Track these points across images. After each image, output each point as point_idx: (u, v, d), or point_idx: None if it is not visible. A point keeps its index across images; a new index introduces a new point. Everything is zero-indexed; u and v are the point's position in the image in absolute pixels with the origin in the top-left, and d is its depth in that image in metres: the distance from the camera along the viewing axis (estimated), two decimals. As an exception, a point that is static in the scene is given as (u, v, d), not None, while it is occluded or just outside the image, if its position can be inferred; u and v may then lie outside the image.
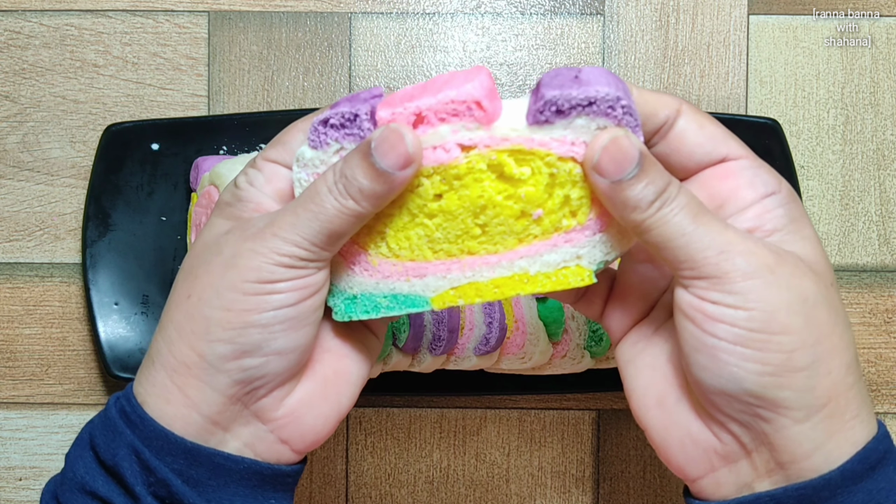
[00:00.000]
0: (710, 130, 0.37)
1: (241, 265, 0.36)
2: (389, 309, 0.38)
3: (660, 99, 0.37)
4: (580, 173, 0.35)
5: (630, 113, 0.34)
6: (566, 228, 0.36)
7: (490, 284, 0.37)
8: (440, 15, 0.63)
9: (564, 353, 0.58)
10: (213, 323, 0.36)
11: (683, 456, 0.37)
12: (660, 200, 0.34)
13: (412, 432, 0.63)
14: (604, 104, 0.34)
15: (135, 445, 0.36)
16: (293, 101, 0.63)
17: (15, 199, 0.62)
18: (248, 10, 0.63)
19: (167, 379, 0.37)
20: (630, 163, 0.34)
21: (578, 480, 0.63)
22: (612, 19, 0.63)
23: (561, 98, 0.34)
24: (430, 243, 0.37)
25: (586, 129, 0.34)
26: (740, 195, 0.36)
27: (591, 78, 0.34)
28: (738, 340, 0.34)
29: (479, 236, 0.36)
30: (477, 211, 0.36)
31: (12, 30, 0.63)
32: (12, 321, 0.63)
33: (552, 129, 0.34)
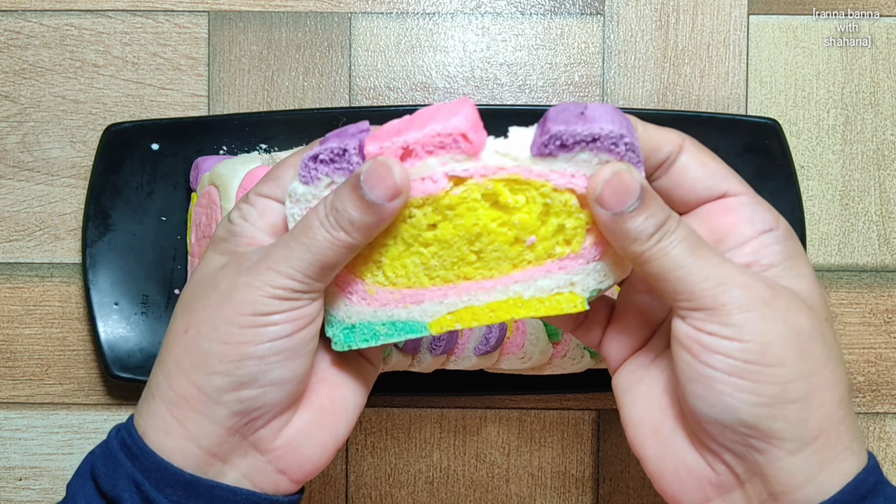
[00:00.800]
0: (712, 167, 0.38)
1: (237, 298, 0.36)
2: (388, 336, 0.38)
3: (664, 135, 0.38)
4: (576, 204, 0.36)
5: (633, 150, 0.35)
6: (560, 256, 0.37)
7: (486, 308, 0.38)
8: (440, 15, 0.63)
9: (564, 353, 0.58)
10: (211, 356, 0.37)
11: (678, 485, 0.38)
12: (659, 233, 0.35)
13: (412, 432, 0.63)
14: (607, 141, 0.35)
15: (135, 477, 0.37)
16: (293, 101, 0.63)
17: (15, 199, 0.62)
18: (248, 10, 0.63)
19: (167, 412, 0.38)
20: (631, 196, 0.35)
21: (578, 480, 0.63)
22: (612, 19, 0.63)
23: (566, 133, 0.35)
24: (426, 270, 0.38)
25: (588, 163, 0.35)
26: (739, 230, 0.37)
27: (597, 115, 0.35)
28: (733, 371, 0.34)
29: (474, 262, 0.37)
30: (472, 238, 0.37)
31: (12, 30, 0.63)
32: (12, 321, 0.63)
33: (554, 161, 0.35)
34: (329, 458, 0.41)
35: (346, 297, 0.39)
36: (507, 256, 0.37)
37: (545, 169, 0.36)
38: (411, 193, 0.36)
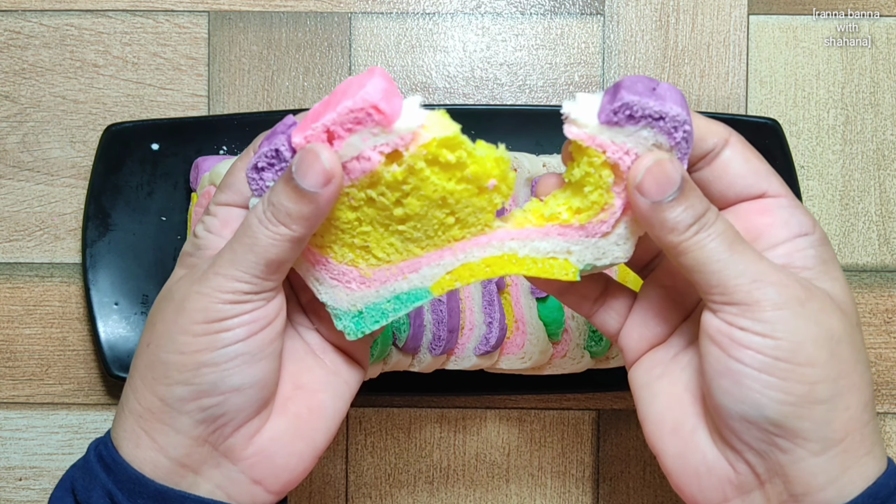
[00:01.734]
0: (755, 165, 0.38)
1: (189, 308, 0.37)
2: (396, 310, 0.38)
3: (710, 126, 0.38)
4: (610, 182, 0.36)
5: (687, 139, 0.35)
6: (563, 222, 0.37)
7: (482, 264, 0.38)
8: (440, 15, 0.63)
9: (564, 353, 0.58)
10: (170, 367, 0.37)
11: (697, 484, 0.38)
12: (697, 225, 0.35)
13: (412, 432, 0.63)
14: (671, 123, 0.35)
15: (108, 488, 0.37)
16: (293, 101, 0.63)
17: (15, 199, 0.62)
18: (248, 10, 0.63)
19: (135, 424, 0.38)
20: (672, 186, 0.35)
21: (578, 480, 0.63)
22: (612, 19, 0.63)
23: (638, 104, 0.35)
24: (413, 242, 0.37)
25: (645, 142, 0.35)
26: (775, 232, 0.37)
27: (667, 95, 0.35)
28: (764, 368, 0.34)
29: (454, 224, 0.37)
30: (441, 204, 0.36)
31: (12, 30, 0.63)
32: (12, 321, 0.63)
33: (618, 132, 0.35)
34: (307, 467, 0.40)
35: (346, 288, 0.38)
36: (481, 208, 0.37)
37: (607, 139, 0.35)
38: (353, 176, 0.35)
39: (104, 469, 0.38)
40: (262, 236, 0.36)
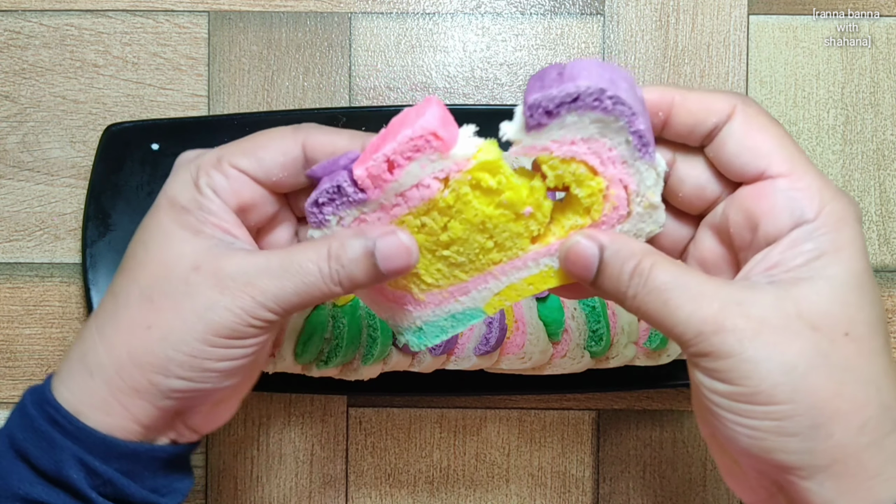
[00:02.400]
0: (756, 141, 0.34)
1: (214, 321, 0.37)
2: (454, 327, 0.40)
3: (708, 104, 0.35)
4: (585, 172, 0.36)
5: (620, 102, 0.34)
6: (581, 226, 0.37)
7: (524, 283, 0.39)
8: (440, 15, 0.63)
9: (564, 353, 0.58)
10: (175, 364, 0.37)
11: (734, 482, 0.38)
12: (633, 287, 0.35)
13: (412, 432, 0.63)
14: (589, 98, 0.34)
15: (79, 455, 0.38)
16: (293, 101, 0.63)
17: (15, 199, 0.62)
18: (248, 10, 0.63)
19: (109, 395, 0.38)
20: (592, 265, 0.35)
21: (578, 480, 0.63)
22: (612, 19, 0.63)
23: (543, 99, 0.34)
24: (458, 267, 0.38)
25: (580, 125, 0.34)
26: (772, 221, 0.34)
27: (575, 72, 0.34)
28: (728, 408, 0.34)
29: (493, 248, 0.38)
30: (481, 228, 0.37)
31: (12, 30, 0.63)
32: (12, 321, 0.63)
33: (549, 130, 0.35)
34: (232, 413, 0.43)
35: (403, 310, 0.40)
36: (517, 234, 0.37)
37: (543, 141, 0.35)
38: (412, 203, 0.36)
39: (67, 436, 0.38)
40: (316, 288, 0.36)
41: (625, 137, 0.35)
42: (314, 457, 0.63)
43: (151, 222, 0.39)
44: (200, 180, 0.38)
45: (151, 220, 0.39)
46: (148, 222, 0.39)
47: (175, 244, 0.38)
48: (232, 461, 0.63)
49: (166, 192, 0.39)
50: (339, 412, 0.63)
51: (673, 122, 0.36)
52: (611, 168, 0.35)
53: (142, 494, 0.39)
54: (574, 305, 0.57)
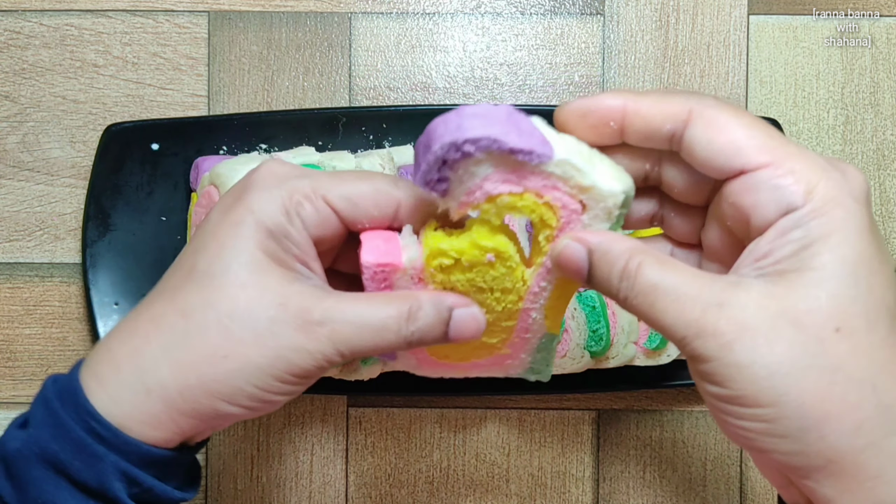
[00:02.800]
0: (722, 141, 0.33)
1: (294, 362, 0.37)
2: (550, 354, 0.42)
3: (661, 110, 0.34)
4: (509, 200, 0.35)
5: (474, 141, 0.33)
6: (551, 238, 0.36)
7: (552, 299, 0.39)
8: (440, 15, 0.63)
9: (564, 353, 0.58)
10: (243, 394, 0.37)
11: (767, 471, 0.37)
12: (623, 289, 0.34)
13: (412, 432, 0.63)
14: (451, 154, 0.33)
15: (122, 467, 0.37)
16: (293, 101, 0.63)
17: (15, 199, 0.62)
18: (248, 10, 0.63)
19: (164, 414, 0.37)
20: (582, 267, 0.35)
21: (578, 480, 0.63)
22: (612, 19, 0.63)
23: (426, 177, 0.34)
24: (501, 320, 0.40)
25: (468, 174, 0.34)
26: (760, 213, 0.33)
27: (428, 139, 0.34)
28: (722, 409, 0.34)
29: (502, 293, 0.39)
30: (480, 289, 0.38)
31: (12, 30, 0.63)
32: (12, 321, 0.63)
33: (455, 191, 0.35)
34: None
35: (505, 366, 0.42)
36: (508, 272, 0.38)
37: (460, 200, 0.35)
38: None
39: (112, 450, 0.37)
40: (389, 344, 0.37)
41: (511, 159, 0.34)
42: (314, 457, 0.63)
43: (231, 237, 0.37)
44: (293, 208, 0.37)
45: (230, 233, 0.37)
46: (225, 234, 0.37)
47: (259, 274, 0.36)
48: (232, 461, 0.63)
49: (251, 208, 0.37)
50: (339, 412, 0.63)
51: (628, 131, 0.35)
52: (527, 182, 0.35)
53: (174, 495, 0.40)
54: (574, 305, 0.57)
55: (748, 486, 0.63)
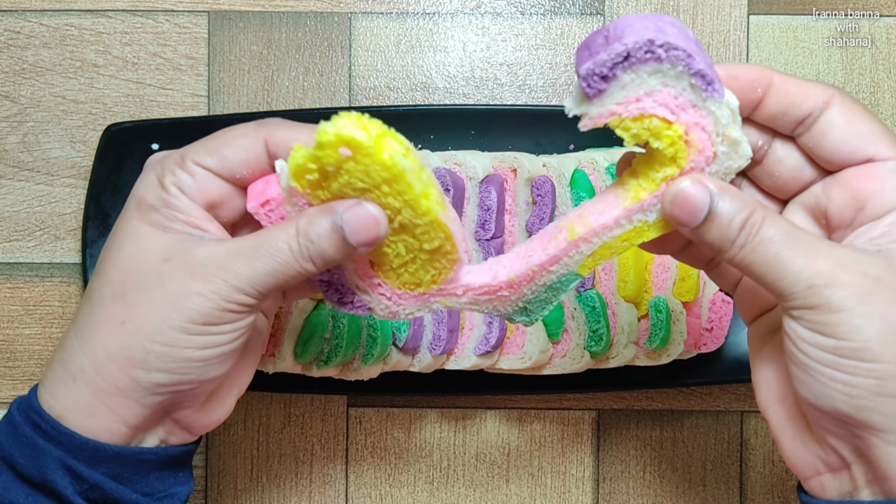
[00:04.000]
0: (861, 128, 0.36)
1: (188, 308, 0.37)
2: (556, 296, 0.40)
3: (805, 89, 0.36)
4: (659, 125, 0.35)
5: (672, 48, 0.34)
6: (671, 177, 0.37)
7: (618, 241, 0.39)
8: (440, 15, 0.63)
9: (564, 353, 0.58)
10: (154, 356, 0.37)
11: (795, 455, 0.38)
12: (741, 237, 0.35)
13: (412, 432, 0.63)
14: (639, 52, 0.34)
15: (63, 460, 0.38)
16: (293, 101, 0.63)
17: (15, 199, 0.62)
18: (248, 10, 0.63)
19: (93, 398, 0.38)
20: (700, 211, 0.35)
21: (578, 480, 0.63)
22: (612, 19, 0.63)
23: (595, 66, 0.34)
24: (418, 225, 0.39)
25: (640, 81, 0.34)
26: (882, 198, 0.35)
27: (620, 31, 0.34)
28: (830, 364, 0.34)
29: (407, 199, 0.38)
30: (377, 185, 0.37)
31: (12, 30, 0.63)
32: (12, 321, 0.63)
33: (609, 95, 0.35)
34: (229, 411, 0.43)
35: (499, 299, 0.40)
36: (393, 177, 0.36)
37: (608, 106, 0.35)
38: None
39: (50, 442, 0.38)
40: (290, 268, 0.36)
41: (687, 82, 0.35)
42: (314, 457, 0.63)
43: (121, 224, 0.39)
44: (166, 179, 0.39)
45: (121, 222, 0.39)
46: (118, 225, 0.40)
47: (144, 240, 0.38)
48: (232, 461, 0.63)
49: (134, 194, 0.39)
50: (339, 412, 0.63)
51: (768, 102, 0.36)
52: (683, 114, 0.35)
53: (132, 498, 0.39)
54: (574, 305, 0.57)
55: (748, 486, 0.63)
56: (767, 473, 0.63)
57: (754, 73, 0.36)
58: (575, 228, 0.38)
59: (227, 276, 0.37)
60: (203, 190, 0.39)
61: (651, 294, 0.58)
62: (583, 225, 0.38)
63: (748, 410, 0.63)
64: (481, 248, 0.56)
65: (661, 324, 0.57)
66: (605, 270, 0.57)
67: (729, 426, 0.63)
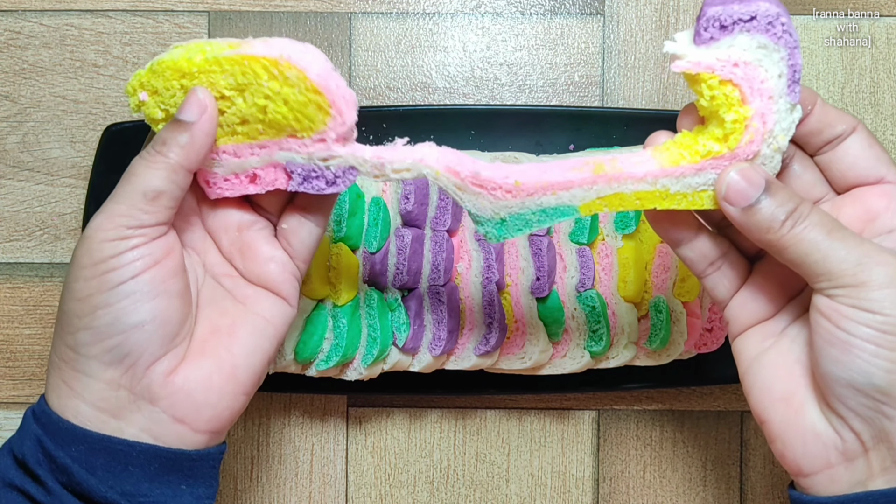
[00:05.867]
0: (876, 152, 0.40)
1: (77, 254, 0.38)
2: (540, 222, 0.40)
3: (841, 115, 0.40)
4: (738, 97, 0.37)
5: (789, 32, 0.36)
6: (715, 154, 0.38)
7: (633, 196, 0.39)
8: (440, 15, 0.63)
9: (564, 353, 0.58)
10: (71, 315, 0.38)
11: (802, 451, 0.39)
12: (791, 220, 0.37)
13: (412, 432, 0.63)
14: (764, 20, 0.36)
15: (38, 436, 0.38)
16: (293, 101, 0.63)
17: (15, 199, 0.62)
18: (248, 10, 0.63)
19: (56, 377, 0.39)
20: (756, 190, 0.37)
21: (578, 480, 0.63)
22: (612, 19, 0.63)
23: (723, 13, 0.36)
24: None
25: (747, 47, 0.36)
26: (891, 215, 0.39)
27: None
28: (872, 339, 0.36)
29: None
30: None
31: (12, 30, 0.63)
32: (12, 321, 0.63)
33: (717, 47, 0.36)
34: (230, 404, 0.41)
35: (490, 195, 0.39)
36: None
37: (711, 58, 0.36)
38: None
39: (35, 421, 0.39)
40: (141, 168, 0.38)
41: (779, 70, 0.37)
42: (314, 457, 0.63)
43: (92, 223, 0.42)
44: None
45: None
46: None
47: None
48: (232, 461, 0.63)
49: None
50: (339, 412, 0.63)
51: (811, 120, 0.40)
52: (758, 100, 0.37)
53: (100, 490, 0.38)
54: (574, 305, 0.57)
55: (748, 486, 0.63)
56: (767, 473, 0.63)
57: (806, 92, 0.39)
58: (603, 166, 0.39)
59: (100, 210, 0.39)
60: None
61: (651, 294, 0.58)
62: (612, 167, 0.39)
63: (748, 410, 0.63)
64: (481, 248, 0.56)
65: (661, 324, 0.57)
66: (605, 270, 0.57)
67: (729, 426, 0.63)
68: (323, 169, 0.40)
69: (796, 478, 0.40)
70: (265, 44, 0.39)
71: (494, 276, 0.55)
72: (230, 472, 0.63)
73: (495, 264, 0.56)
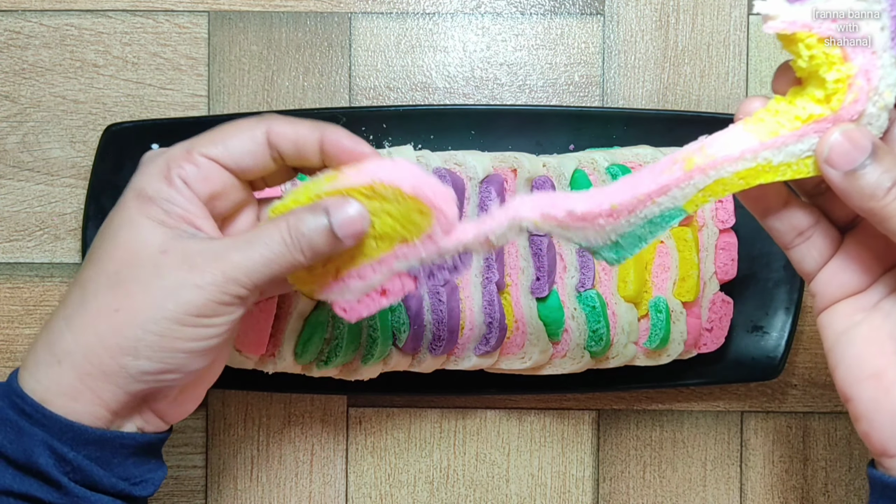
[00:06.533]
0: None
1: (184, 300, 0.38)
2: (653, 233, 0.39)
3: None
4: (839, 54, 0.35)
5: None
6: (817, 118, 0.36)
7: (735, 177, 0.38)
8: (440, 15, 0.63)
9: (564, 353, 0.58)
10: (144, 344, 0.38)
11: (891, 431, 0.38)
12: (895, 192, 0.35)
13: (412, 432, 0.63)
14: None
15: (48, 442, 0.38)
16: (293, 101, 0.63)
17: (15, 199, 0.62)
18: (248, 10, 0.63)
19: (78, 381, 0.39)
20: (862, 154, 0.35)
21: (578, 480, 0.63)
22: (612, 19, 0.63)
23: None
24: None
25: (846, 1, 0.34)
26: None
27: None
28: None
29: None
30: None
31: (12, 30, 0.63)
32: (12, 321, 0.63)
33: (813, 2, 0.34)
34: (199, 402, 0.45)
35: (593, 226, 0.39)
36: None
37: (804, 16, 0.35)
38: None
39: (35, 424, 0.39)
40: (283, 258, 0.38)
41: (880, 24, 0.34)
42: (314, 457, 0.63)
43: (117, 215, 0.40)
44: (172, 171, 0.40)
45: (117, 212, 0.40)
46: (114, 215, 0.40)
47: (141, 232, 0.39)
48: (232, 461, 0.63)
49: (133, 186, 0.40)
50: (339, 412, 0.63)
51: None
52: (860, 56, 0.35)
53: (111, 482, 0.40)
54: (574, 305, 0.57)
55: (748, 486, 0.63)
56: (767, 473, 0.63)
57: None
58: (693, 159, 0.37)
59: (225, 267, 0.38)
60: (206, 179, 0.40)
61: (651, 294, 0.58)
62: (703, 156, 0.37)
63: (748, 410, 0.63)
64: (481, 248, 0.56)
65: (661, 324, 0.57)
66: (605, 270, 0.57)
67: (729, 426, 0.63)
68: (442, 261, 0.41)
69: (880, 458, 0.38)
70: (357, 171, 0.40)
71: (494, 276, 0.55)
72: (230, 472, 0.63)
73: (495, 264, 0.56)
